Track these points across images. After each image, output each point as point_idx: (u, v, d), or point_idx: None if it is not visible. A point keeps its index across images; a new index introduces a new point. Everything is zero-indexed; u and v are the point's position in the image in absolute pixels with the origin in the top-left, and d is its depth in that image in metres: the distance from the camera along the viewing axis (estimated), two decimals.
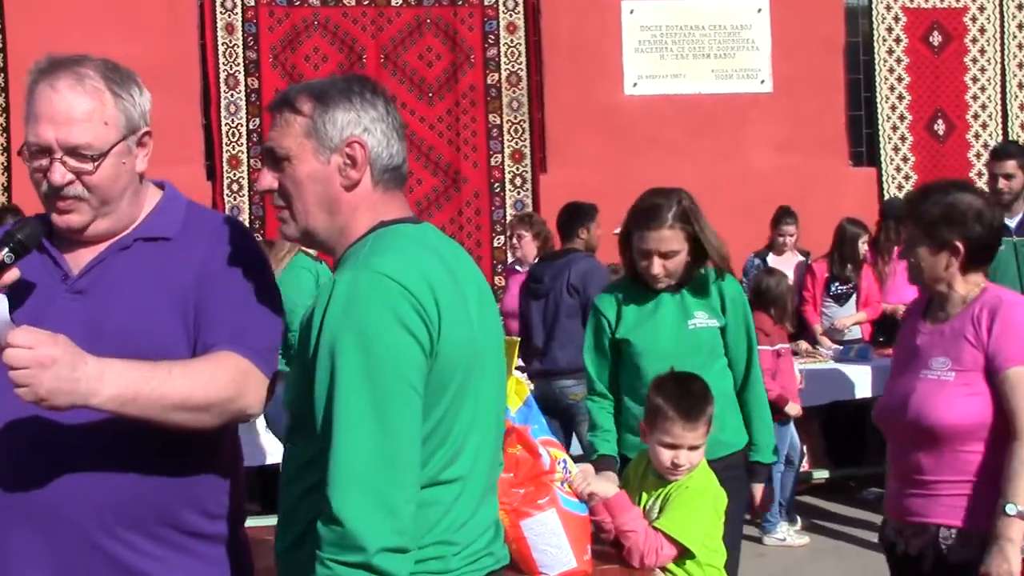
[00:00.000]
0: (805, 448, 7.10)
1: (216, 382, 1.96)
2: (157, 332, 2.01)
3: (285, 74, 8.08)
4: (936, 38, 9.05)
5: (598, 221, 6.13)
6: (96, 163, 2.01)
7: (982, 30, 9.09)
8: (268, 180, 1.99)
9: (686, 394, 3.10)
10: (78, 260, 2.07)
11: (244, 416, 2.04)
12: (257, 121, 8.04)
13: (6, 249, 1.96)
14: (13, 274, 1.97)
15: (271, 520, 3.85)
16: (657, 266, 3.58)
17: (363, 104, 1.98)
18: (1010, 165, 6.06)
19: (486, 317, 2.03)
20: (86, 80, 2.01)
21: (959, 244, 3.00)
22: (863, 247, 7.33)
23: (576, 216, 6.15)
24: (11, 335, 1.80)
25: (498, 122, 8.31)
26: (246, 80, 8.10)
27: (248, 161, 8.04)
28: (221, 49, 8.04)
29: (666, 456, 3.04)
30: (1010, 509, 2.82)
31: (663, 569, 2.98)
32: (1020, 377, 2.85)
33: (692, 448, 3.04)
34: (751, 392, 3.76)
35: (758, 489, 3.79)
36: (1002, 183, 6.01)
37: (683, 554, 2.98)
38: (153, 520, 2.02)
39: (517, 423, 2.83)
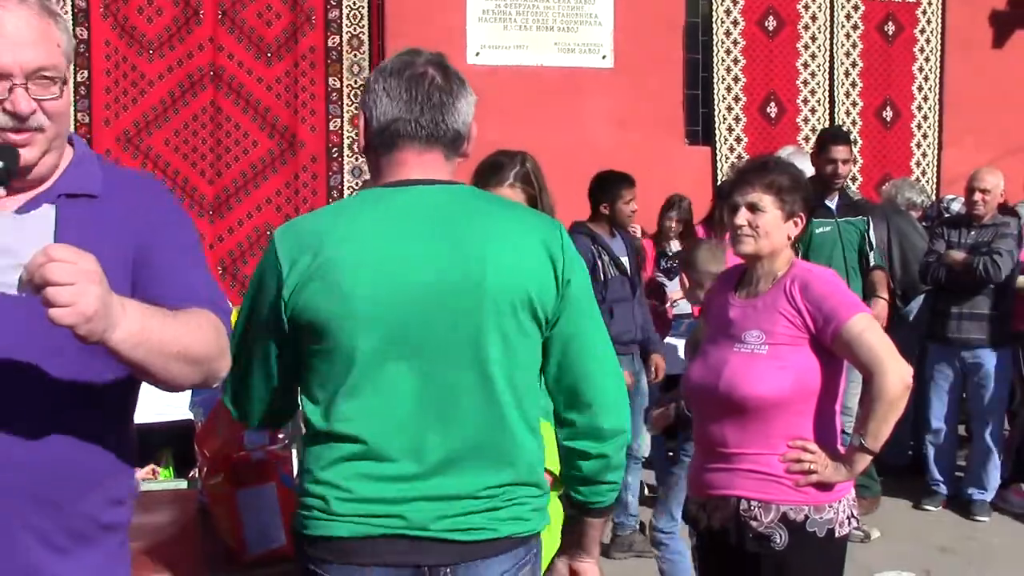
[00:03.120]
0: None
1: (207, 337, 1.86)
2: None
3: (116, 25, 7.75)
4: (771, 23, 9.28)
5: (627, 195, 5.91)
6: (61, 88, 1.85)
7: (814, 17, 9.36)
8: None
9: None
10: None
11: (215, 379, 1.96)
12: (86, 73, 7.71)
13: None
14: None
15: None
16: None
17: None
18: (845, 150, 6.27)
19: (411, 285, 2.10)
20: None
21: (804, 215, 3.11)
22: (669, 223, 7.59)
23: (597, 189, 5.99)
24: (51, 249, 1.58)
25: (338, 86, 8.16)
26: (74, 30, 7.74)
27: (75, 115, 7.70)
28: None
29: None
30: (855, 441, 2.97)
31: None
32: (857, 327, 2.94)
33: None
34: None
35: None
36: (841, 168, 6.21)
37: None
38: (67, 504, 1.86)
39: None
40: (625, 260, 5.84)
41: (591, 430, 2.24)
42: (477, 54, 8.50)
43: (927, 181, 9.62)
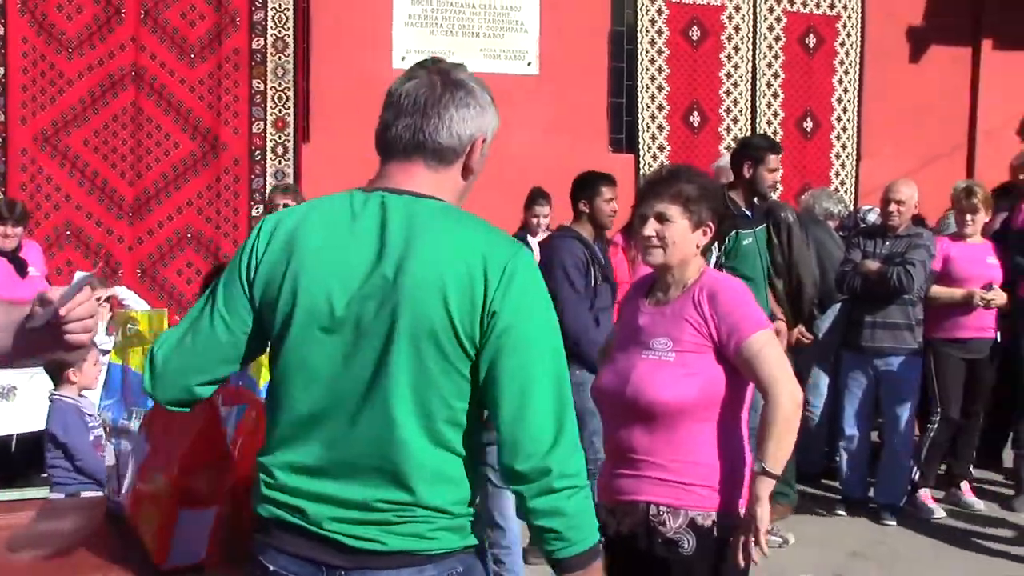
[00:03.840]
0: None
1: None
2: None
3: (34, 22, 7.63)
4: (695, 33, 9.39)
5: (607, 193, 5.93)
6: None
7: (737, 29, 9.50)
8: None
9: None
10: None
11: None
12: (1, 70, 7.56)
13: None
14: None
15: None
16: None
17: None
18: (778, 160, 6.35)
19: (373, 290, 2.10)
20: None
21: (712, 224, 3.15)
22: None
23: (576, 188, 6.01)
24: (84, 294, 2.09)
25: (262, 88, 8.11)
26: None
27: None
28: None
29: None
30: (757, 467, 3.00)
31: None
32: (757, 344, 2.99)
33: None
34: None
35: None
36: (777, 176, 6.29)
37: None
38: None
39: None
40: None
41: (504, 470, 2.15)
42: (403, 59, 8.50)
43: (846, 191, 9.80)
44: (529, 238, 7.75)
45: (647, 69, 9.29)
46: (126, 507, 2.77)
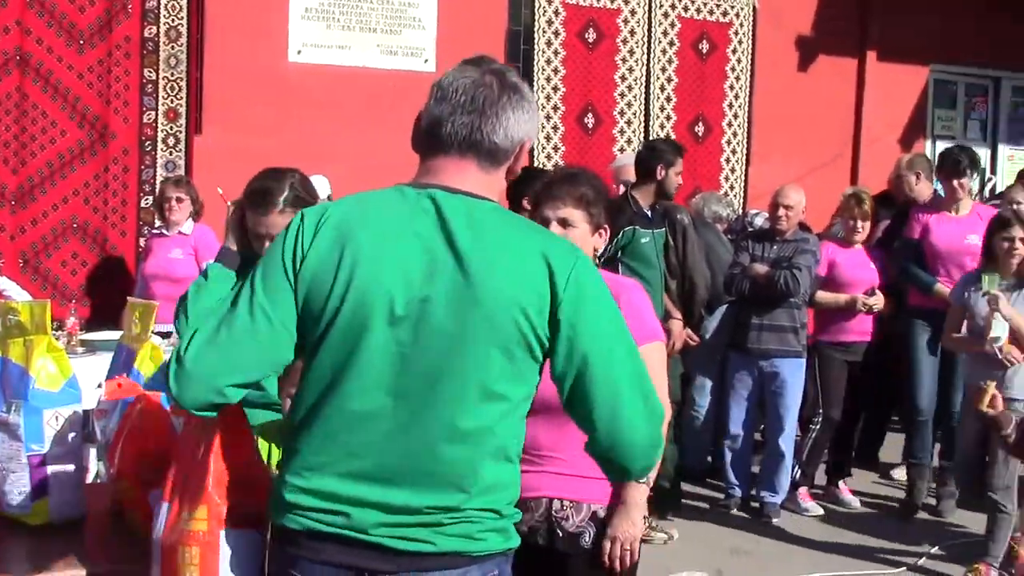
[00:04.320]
0: None
1: None
2: None
3: None
4: (591, 35, 9.48)
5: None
6: None
7: (632, 32, 9.61)
8: None
9: None
10: None
11: None
12: None
13: None
14: None
15: None
16: None
17: None
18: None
19: (439, 295, 2.06)
20: None
21: (608, 226, 3.21)
22: None
23: (519, 185, 5.97)
24: None
25: (153, 77, 7.95)
26: None
27: None
28: None
29: None
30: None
31: None
32: (643, 355, 3.05)
33: None
34: None
35: None
36: (681, 180, 6.46)
37: None
38: None
39: None
40: None
41: (604, 468, 2.24)
42: (299, 52, 8.42)
43: (735, 195, 9.99)
44: None
45: (543, 69, 9.35)
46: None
